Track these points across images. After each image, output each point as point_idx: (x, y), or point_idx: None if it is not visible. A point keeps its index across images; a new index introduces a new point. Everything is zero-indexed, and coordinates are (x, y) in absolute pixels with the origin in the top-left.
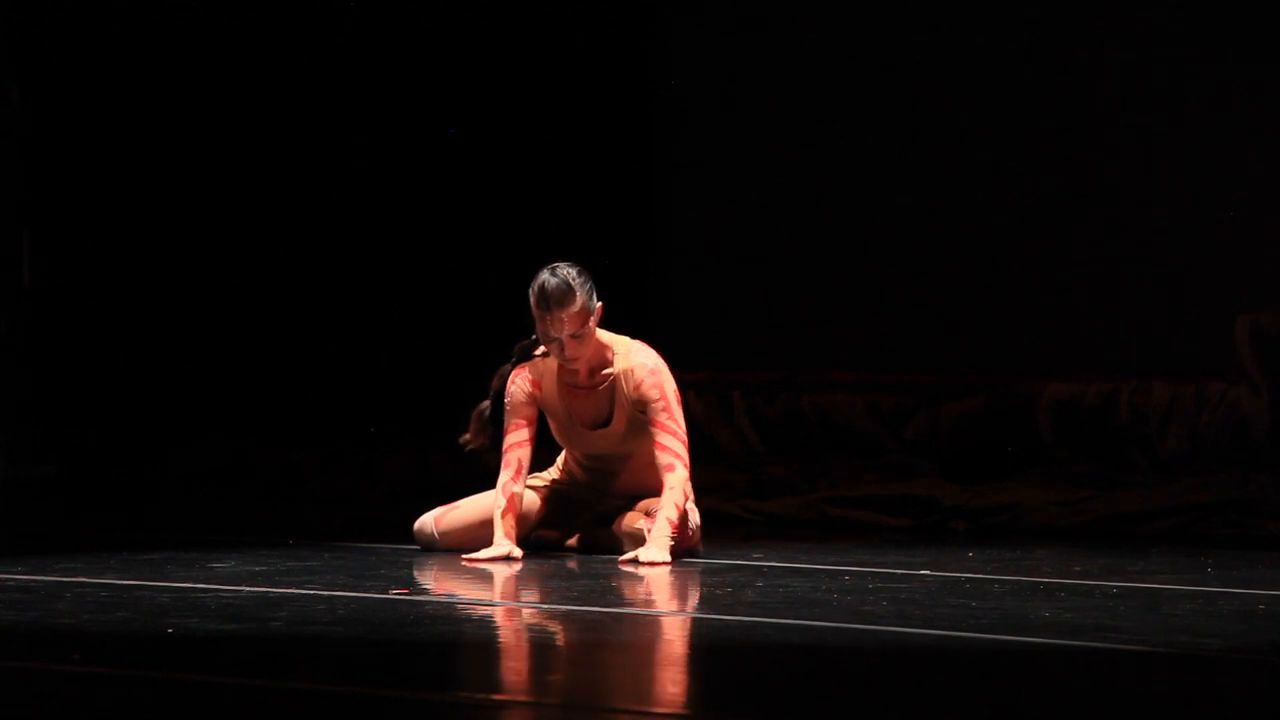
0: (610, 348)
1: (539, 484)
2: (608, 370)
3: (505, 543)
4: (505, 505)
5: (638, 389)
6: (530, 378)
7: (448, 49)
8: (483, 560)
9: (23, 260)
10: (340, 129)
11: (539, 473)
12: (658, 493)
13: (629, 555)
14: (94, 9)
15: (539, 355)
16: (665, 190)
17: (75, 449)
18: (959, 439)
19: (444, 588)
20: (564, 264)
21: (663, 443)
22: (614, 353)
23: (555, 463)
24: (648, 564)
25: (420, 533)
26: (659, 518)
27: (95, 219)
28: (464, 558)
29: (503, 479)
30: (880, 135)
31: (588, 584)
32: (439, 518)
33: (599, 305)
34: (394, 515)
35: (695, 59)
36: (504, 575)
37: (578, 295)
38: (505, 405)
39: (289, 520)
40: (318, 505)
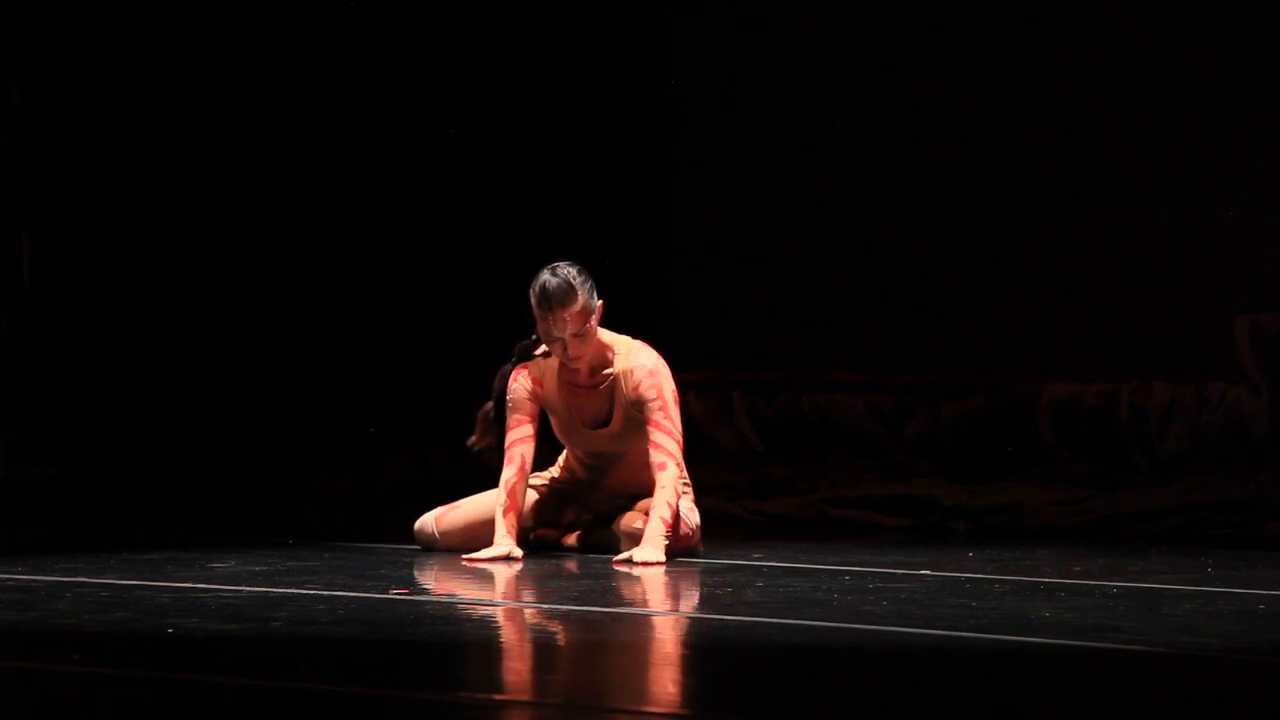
0: (611, 347)
1: (539, 483)
2: (608, 370)
3: (506, 542)
4: (507, 504)
5: (636, 389)
6: (532, 375)
7: (448, 49)
8: (483, 560)
9: (23, 260)
10: (340, 129)
11: (539, 471)
12: (649, 490)
13: (623, 555)
14: (94, 9)
15: (540, 355)
16: (665, 190)
17: (75, 449)
18: (959, 439)
19: (444, 588)
20: (564, 263)
21: (657, 441)
22: (615, 353)
23: (557, 461)
24: (642, 564)
25: (420, 533)
26: (652, 517)
27: (95, 219)
28: (464, 558)
29: (506, 475)
30: (880, 135)
31: (588, 584)
32: (439, 518)
33: (600, 304)
34: (394, 515)
35: (695, 59)
36: (504, 575)
37: (579, 294)
38: (507, 402)
39: (289, 520)
40: (318, 505)
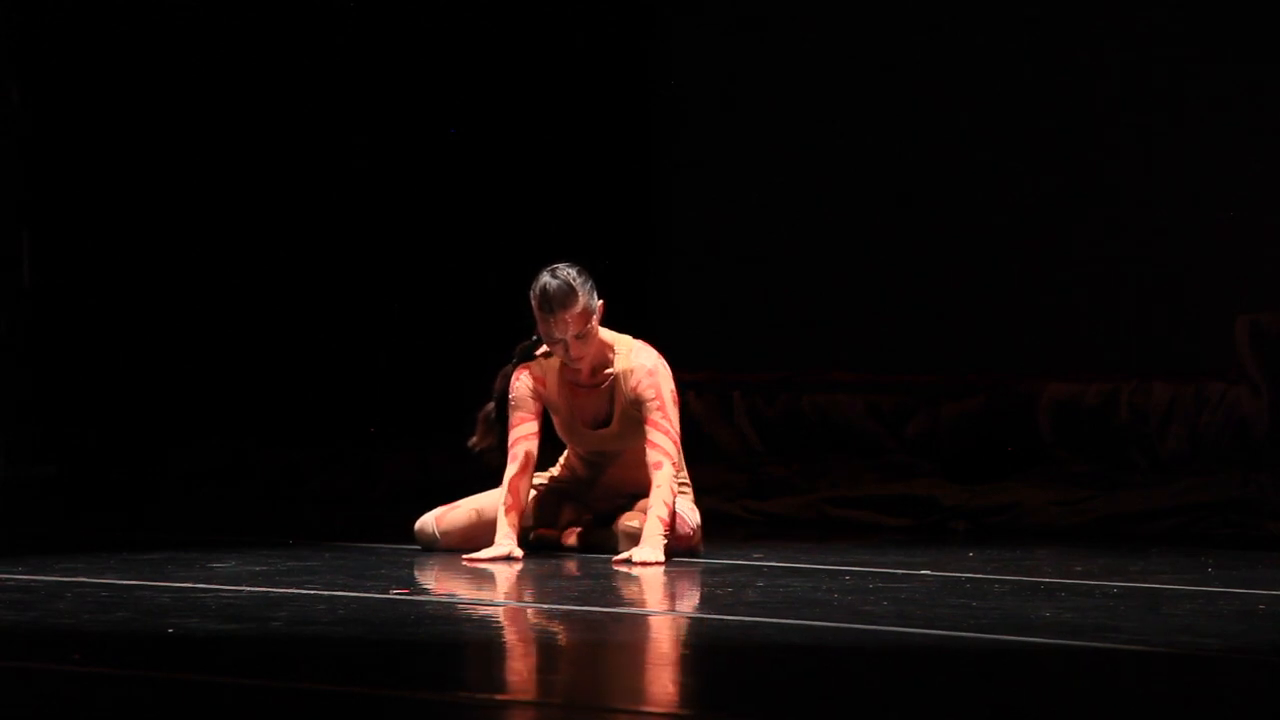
0: (612, 347)
1: (538, 482)
2: (609, 369)
3: (506, 542)
4: (510, 502)
5: (635, 388)
6: (534, 374)
7: (448, 49)
8: (483, 560)
9: (23, 260)
10: (340, 129)
11: (540, 471)
12: (647, 489)
13: (622, 555)
14: (94, 9)
15: (540, 355)
16: (665, 190)
17: (75, 449)
18: (959, 439)
19: (444, 588)
20: (564, 265)
21: (654, 440)
22: (615, 352)
23: (558, 460)
24: (641, 564)
25: (421, 533)
26: (650, 517)
27: (95, 219)
28: (464, 558)
29: (509, 473)
30: (880, 135)
31: (588, 584)
32: (440, 517)
33: (600, 303)
34: (394, 515)
35: (695, 59)
36: (504, 575)
37: (579, 295)
38: (509, 401)
39: (289, 520)
40: (318, 505)
